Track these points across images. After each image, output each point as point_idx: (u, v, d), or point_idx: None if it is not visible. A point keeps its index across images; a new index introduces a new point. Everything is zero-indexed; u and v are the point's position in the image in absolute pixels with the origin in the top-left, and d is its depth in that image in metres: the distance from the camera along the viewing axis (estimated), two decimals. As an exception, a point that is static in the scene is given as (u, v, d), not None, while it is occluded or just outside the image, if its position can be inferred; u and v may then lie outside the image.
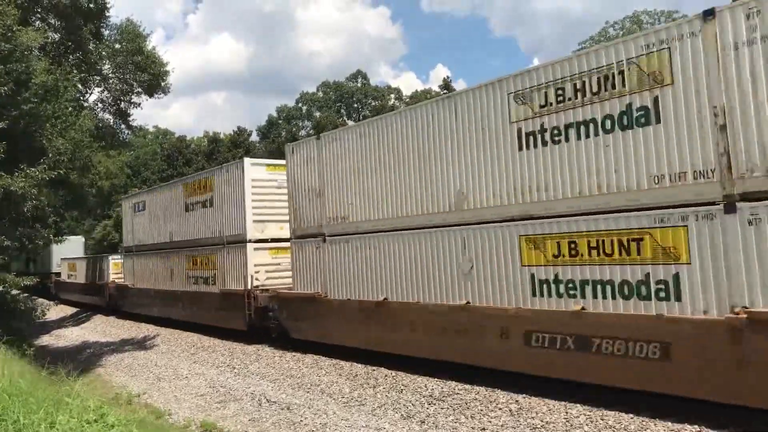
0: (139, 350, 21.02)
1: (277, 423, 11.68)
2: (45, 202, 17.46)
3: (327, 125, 50.30)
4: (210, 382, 15.41)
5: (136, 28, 27.97)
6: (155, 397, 14.90)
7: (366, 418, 11.16)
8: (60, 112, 18.60)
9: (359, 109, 73.51)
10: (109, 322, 29.21)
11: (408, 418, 10.94)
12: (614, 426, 9.08)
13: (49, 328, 29.32)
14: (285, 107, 75.59)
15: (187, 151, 59.13)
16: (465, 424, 10.22)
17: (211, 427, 12.05)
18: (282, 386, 14.04)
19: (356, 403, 12.15)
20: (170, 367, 17.68)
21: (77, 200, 27.58)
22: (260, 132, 71.32)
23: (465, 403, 11.04)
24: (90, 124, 23.44)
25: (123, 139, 33.75)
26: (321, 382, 13.74)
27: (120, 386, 16.31)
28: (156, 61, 28.16)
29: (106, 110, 29.64)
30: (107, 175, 44.30)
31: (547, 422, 9.65)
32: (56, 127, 18.07)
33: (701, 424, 8.75)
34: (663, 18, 50.15)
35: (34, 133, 16.83)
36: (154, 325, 25.38)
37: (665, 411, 9.48)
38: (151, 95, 29.23)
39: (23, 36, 16.36)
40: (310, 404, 12.39)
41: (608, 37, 49.47)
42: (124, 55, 27.45)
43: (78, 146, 20.40)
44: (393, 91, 74.82)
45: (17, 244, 17.26)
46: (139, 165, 72.49)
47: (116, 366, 19.16)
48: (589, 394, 10.64)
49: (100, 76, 28.06)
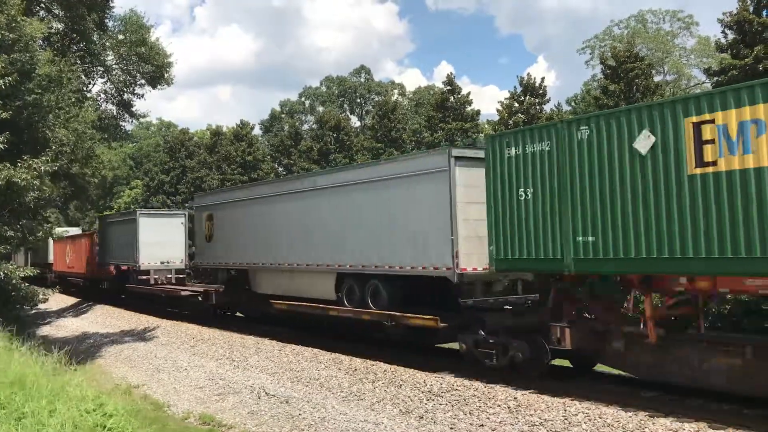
0: (138, 342, 21.07)
1: (276, 416, 11.72)
2: (47, 193, 17.46)
3: (330, 120, 50.19)
4: (209, 374, 15.45)
5: (140, 19, 27.94)
6: (154, 388, 14.95)
7: (365, 413, 11.19)
8: (63, 103, 18.57)
9: (362, 104, 73.42)
10: (110, 313, 29.24)
11: (407, 413, 10.97)
12: (612, 424, 9.09)
13: (49, 318, 29.39)
14: (288, 101, 75.51)
15: (190, 143, 58.98)
16: (463, 420, 10.24)
17: (209, 419, 12.10)
18: (281, 379, 14.08)
19: (355, 397, 12.18)
20: (170, 359, 17.72)
21: (78, 191, 27.53)
22: (263, 126, 71.27)
23: (464, 399, 11.06)
24: (93, 115, 23.41)
25: (126, 131, 33.65)
26: (320, 376, 13.77)
27: (119, 377, 16.37)
28: (160, 53, 28.11)
29: (109, 101, 29.62)
30: (110, 167, 44.09)
31: (546, 419, 9.67)
32: (59, 118, 18.05)
33: (700, 422, 8.77)
34: (668, 17, 50.05)
35: (36, 123, 16.82)
36: (155, 317, 25.44)
37: (664, 409, 9.51)
38: (154, 86, 29.18)
39: (27, 26, 16.33)
40: (308, 398, 12.42)
41: (613, 36, 49.33)
42: (127, 46, 27.40)
43: (80, 137, 20.36)
44: (396, 87, 74.77)
45: (19, 235, 17.28)
46: (142, 157, 72.46)
47: (116, 357, 19.22)
48: (587, 392, 10.68)
49: (103, 67, 28.03)
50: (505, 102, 34.69)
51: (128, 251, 28.34)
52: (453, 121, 38.36)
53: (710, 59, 40.04)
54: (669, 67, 48.71)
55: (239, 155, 52.63)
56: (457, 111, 39.17)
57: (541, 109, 34.55)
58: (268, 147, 60.10)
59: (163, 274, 27.80)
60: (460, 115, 39.00)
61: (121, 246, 29.52)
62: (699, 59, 47.08)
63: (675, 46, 49.58)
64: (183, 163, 56.47)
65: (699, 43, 47.83)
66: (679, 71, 48.64)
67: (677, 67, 48.66)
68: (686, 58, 49.57)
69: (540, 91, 34.62)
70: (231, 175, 51.59)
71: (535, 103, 34.37)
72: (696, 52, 48.46)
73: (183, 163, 56.47)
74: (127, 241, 28.50)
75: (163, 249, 27.77)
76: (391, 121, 45.48)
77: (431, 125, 39.91)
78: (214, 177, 52.27)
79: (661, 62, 47.24)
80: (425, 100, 61.50)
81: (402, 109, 53.49)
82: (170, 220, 29.03)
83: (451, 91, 40.12)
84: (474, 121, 39.43)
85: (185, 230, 28.34)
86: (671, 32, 49.97)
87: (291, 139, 52.26)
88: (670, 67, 48.69)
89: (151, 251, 27.58)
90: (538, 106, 34.48)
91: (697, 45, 48.17)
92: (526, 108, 33.83)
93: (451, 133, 37.16)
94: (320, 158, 47.84)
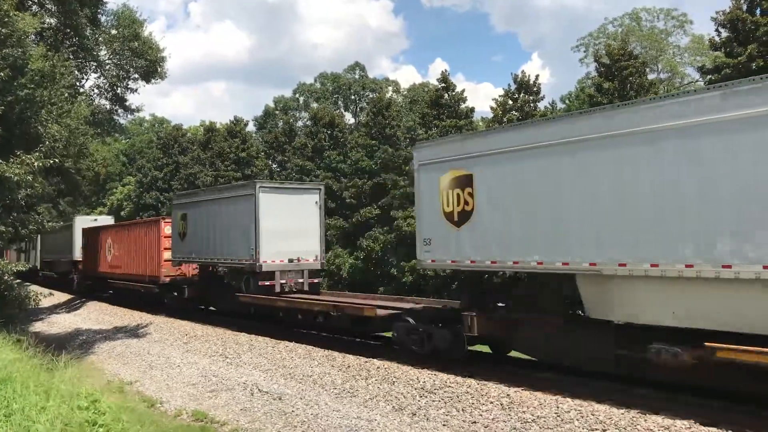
0: (131, 338, 20.99)
1: (269, 413, 11.70)
2: (39, 189, 17.38)
3: (324, 116, 50.12)
4: (202, 371, 15.41)
5: (133, 14, 27.82)
6: (147, 385, 14.90)
7: (358, 410, 11.19)
8: (56, 99, 18.47)
9: (356, 101, 73.36)
10: (102, 309, 29.12)
11: (399, 410, 10.97)
12: (604, 421, 9.11)
13: (41, 314, 29.25)
14: (282, 98, 75.38)
15: (183, 140, 58.83)
16: (456, 417, 10.25)
17: (202, 416, 12.06)
18: (274, 376, 14.05)
19: (348, 394, 12.17)
20: (162, 356, 17.67)
21: (71, 187, 27.37)
22: (257, 122, 71.18)
23: (456, 396, 11.07)
24: (86, 111, 23.29)
25: (120, 124, 33.41)
26: (313, 373, 13.75)
27: (112, 374, 16.30)
28: (153, 47, 27.99)
29: (102, 96, 29.47)
30: (103, 162, 43.72)
31: (538, 416, 9.69)
32: (52, 113, 17.96)
33: (692, 419, 8.79)
34: (662, 16, 50.11)
35: (29, 119, 16.73)
36: (148, 313, 25.35)
37: (656, 406, 9.53)
38: (148, 81, 29.06)
39: (20, 21, 16.22)
40: (302, 395, 12.41)
41: (607, 34, 49.37)
42: (120, 41, 27.28)
43: (73, 133, 20.25)
44: (391, 84, 74.74)
45: (11, 230, 17.18)
46: (135, 153, 72.23)
47: (108, 354, 19.14)
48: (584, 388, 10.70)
49: (96, 62, 27.88)
50: (499, 99, 34.75)
51: (236, 244, 19.83)
52: (447, 118, 38.36)
53: (704, 57, 40.11)
54: (663, 65, 48.84)
55: (233, 152, 52.53)
56: (452, 108, 39.18)
57: (535, 106, 34.64)
58: (261, 143, 59.99)
59: (293, 277, 19.32)
60: (455, 112, 39.01)
61: (221, 236, 20.83)
62: (693, 57, 47.23)
63: (669, 44, 49.73)
64: (176, 160, 56.34)
65: (693, 42, 47.97)
66: (673, 69, 48.77)
67: (671, 66, 48.79)
68: (680, 57, 49.74)
69: (534, 88, 34.67)
70: (224, 172, 51.47)
71: (529, 100, 34.42)
72: (690, 51, 48.61)
73: (176, 160, 56.34)
74: (236, 228, 19.96)
75: (293, 240, 19.24)
76: (386, 119, 45.45)
77: (425, 122, 39.95)
78: (208, 173, 52.12)
79: (655, 60, 47.37)
80: (420, 97, 61.50)
81: (396, 107, 53.45)
82: (302, 198, 20.03)
83: (446, 88, 40.13)
84: (468, 119, 39.44)
85: (321, 212, 20.15)
86: (665, 30, 50.10)
87: (285, 135, 52.23)
88: (664, 65, 48.82)
89: (276, 244, 18.96)
90: (532, 103, 34.54)
91: (691, 43, 48.31)
92: (521, 105, 33.88)
93: (446, 131, 37.16)
94: (314, 155, 47.79)
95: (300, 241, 19.27)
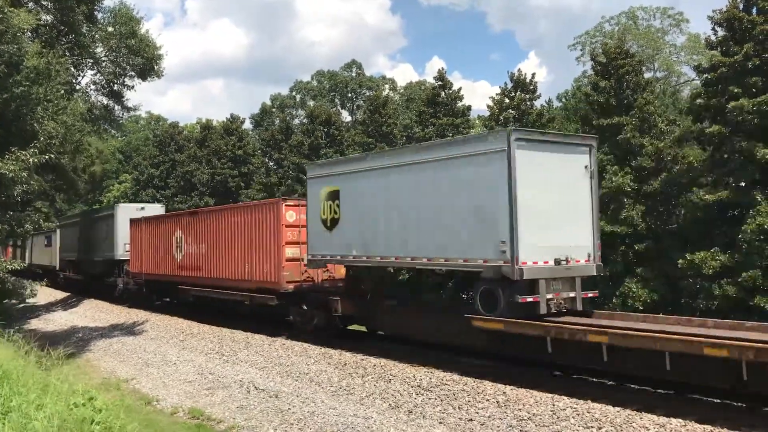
0: (127, 336, 20.98)
1: (265, 411, 11.71)
2: (35, 186, 17.34)
3: (320, 114, 50.04)
4: (198, 368, 15.41)
5: (130, 11, 27.71)
6: (143, 382, 14.90)
7: (354, 407, 11.21)
8: (52, 96, 18.43)
9: (353, 99, 73.25)
10: (99, 307, 29.09)
11: (396, 407, 10.99)
12: (600, 419, 9.14)
13: (38, 312, 29.21)
14: (279, 95, 75.19)
15: (180, 137, 58.70)
16: (452, 415, 10.28)
17: (198, 413, 12.07)
18: (270, 374, 14.06)
19: (345, 392, 12.19)
20: (159, 353, 17.66)
21: (67, 184, 27.26)
22: (254, 120, 71.02)
23: (453, 393, 11.10)
24: (82, 108, 23.24)
25: (118, 120, 33.23)
26: (310, 371, 13.77)
27: (108, 371, 16.30)
28: (149, 45, 27.89)
29: (99, 92, 29.36)
30: (100, 159, 43.46)
31: (534, 414, 9.71)
32: (48, 110, 17.91)
33: (687, 417, 8.83)
34: (659, 14, 50.16)
35: (25, 116, 16.69)
36: (144, 311, 25.32)
37: (652, 404, 9.57)
38: (144, 79, 28.96)
39: (15, 18, 16.17)
40: (298, 392, 12.42)
41: (604, 33, 49.39)
42: (117, 39, 27.18)
43: (69, 130, 20.21)
44: (387, 82, 74.61)
45: (7, 227, 17.15)
46: (131, 150, 72.07)
47: (105, 351, 19.13)
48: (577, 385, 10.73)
49: (92, 59, 27.78)
50: (495, 98, 34.70)
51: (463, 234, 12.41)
52: (444, 116, 38.29)
53: (700, 56, 40.13)
54: (659, 64, 48.85)
55: (229, 149, 52.40)
56: (448, 106, 39.11)
57: (531, 105, 34.59)
58: (258, 141, 59.88)
59: (560, 289, 12.09)
60: (451, 110, 38.94)
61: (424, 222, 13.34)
62: (689, 56, 47.20)
63: (665, 43, 49.72)
64: (173, 157, 56.19)
65: (689, 40, 47.97)
66: (669, 68, 48.79)
67: (667, 64, 48.80)
68: (676, 55, 49.72)
69: (531, 87, 34.64)
70: (221, 170, 51.40)
71: (525, 99, 34.38)
72: (686, 49, 48.61)
73: (173, 157, 56.19)
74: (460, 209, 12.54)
75: (557, 230, 12.23)
76: (382, 116, 45.36)
77: (422, 120, 39.83)
78: (204, 171, 52.04)
79: (651, 59, 47.37)
80: (416, 95, 61.43)
81: (393, 105, 53.39)
82: (565, 160, 12.51)
83: (443, 86, 40.07)
84: (465, 117, 39.37)
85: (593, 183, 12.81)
86: (662, 29, 50.10)
87: (282, 133, 52.06)
88: (661, 63, 48.83)
89: (539, 235, 11.83)
90: (528, 102, 34.50)
91: (688, 42, 48.31)
92: (517, 104, 33.85)
93: (442, 129, 37.10)
94: (311, 153, 47.70)
95: (567, 229, 12.40)
